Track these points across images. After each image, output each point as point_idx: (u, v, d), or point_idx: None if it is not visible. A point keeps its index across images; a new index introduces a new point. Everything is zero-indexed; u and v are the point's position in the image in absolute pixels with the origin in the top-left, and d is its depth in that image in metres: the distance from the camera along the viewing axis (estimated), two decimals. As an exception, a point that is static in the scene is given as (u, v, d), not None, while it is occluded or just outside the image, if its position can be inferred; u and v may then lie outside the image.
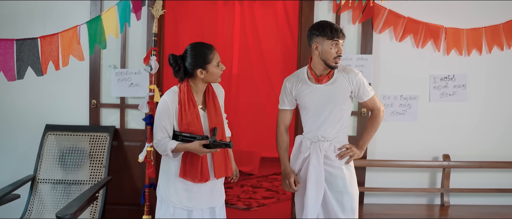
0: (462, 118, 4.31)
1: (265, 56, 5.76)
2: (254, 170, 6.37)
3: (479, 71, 4.28)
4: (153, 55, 3.68)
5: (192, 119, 2.87)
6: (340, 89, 3.06)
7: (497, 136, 4.33)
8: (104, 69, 4.36)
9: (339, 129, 3.10)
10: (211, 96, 3.00)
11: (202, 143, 2.78)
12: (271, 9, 5.63)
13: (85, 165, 4.21)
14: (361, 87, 3.08)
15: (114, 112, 4.40)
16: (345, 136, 3.17)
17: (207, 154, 2.89)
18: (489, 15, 4.23)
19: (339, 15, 4.21)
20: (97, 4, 4.26)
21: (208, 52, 2.86)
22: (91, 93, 4.37)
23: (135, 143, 4.35)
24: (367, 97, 3.12)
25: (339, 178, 3.07)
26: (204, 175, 2.91)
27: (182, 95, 2.89)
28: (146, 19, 4.24)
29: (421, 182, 4.36)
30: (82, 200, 3.36)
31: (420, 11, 4.18)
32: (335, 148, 3.10)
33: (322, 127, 3.07)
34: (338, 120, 3.08)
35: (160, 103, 2.91)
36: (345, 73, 3.09)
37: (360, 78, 3.09)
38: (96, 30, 3.64)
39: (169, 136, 2.90)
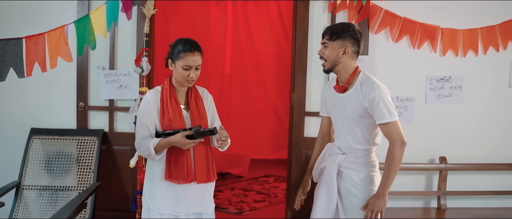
0: (458, 120, 4.26)
1: (258, 57, 5.65)
2: (244, 172, 6.28)
3: (475, 73, 4.24)
4: (145, 56, 3.56)
5: (174, 115, 2.78)
6: (352, 103, 2.81)
7: (494, 138, 4.29)
8: (92, 70, 4.21)
9: (356, 144, 2.87)
10: (194, 97, 2.89)
11: (185, 134, 2.66)
12: (265, 9, 5.53)
13: (72, 170, 4.06)
14: (375, 107, 2.71)
15: (102, 115, 4.25)
16: (365, 153, 2.89)
17: (190, 156, 2.79)
18: (485, 16, 4.19)
19: (334, 15, 4.13)
20: (85, 4, 4.10)
21: (181, 49, 2.74)
22: (79, 95, 4.22)
23: (125, 147, 4.21)
24: (381, 121, 2.72)
25: (353, 196, 2.87)
26: (190, 174, 2.79)
27: (164, 92, 2.82)
28: (135, 19, 4.10)
29: (417, 184, 4.30)
30: (71, 208, 3.21)
31: (417, 11, 4.12)
32: (351, 163, 2.88)
33: (339, 138, 2.93)
34: (352, 135, 2.86)
35: (142, 102, 2.85)
36: (363, 86, 2.79)
37: (377, 96, 2.71)
38: (84, 30, 3.51)
39: (151, 135, 2.81)
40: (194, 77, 2.76)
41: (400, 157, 2.76)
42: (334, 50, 2.81)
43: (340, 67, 2.84)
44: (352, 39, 2.82)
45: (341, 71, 2.85)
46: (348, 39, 2.81)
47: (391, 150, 2.77)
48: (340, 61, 2.82)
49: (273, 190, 5.74)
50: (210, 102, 2.97)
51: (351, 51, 2.82)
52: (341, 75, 2.87)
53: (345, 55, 2.81)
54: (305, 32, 4.11)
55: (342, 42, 2.81)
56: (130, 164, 3.58)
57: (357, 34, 2.84)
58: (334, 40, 2.81)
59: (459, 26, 4.16)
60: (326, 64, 2.85)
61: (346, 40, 2.81)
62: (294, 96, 4.14)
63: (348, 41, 2.81)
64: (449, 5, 4.15)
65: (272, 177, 6.27)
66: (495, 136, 4.29)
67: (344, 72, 2.85)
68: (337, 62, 2.82)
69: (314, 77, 4.14)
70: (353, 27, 2.85)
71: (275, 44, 5.56)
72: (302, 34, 4.11)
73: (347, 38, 2.80)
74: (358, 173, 2.88)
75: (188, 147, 2.71)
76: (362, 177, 2.88)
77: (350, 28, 2.83)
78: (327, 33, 2.84)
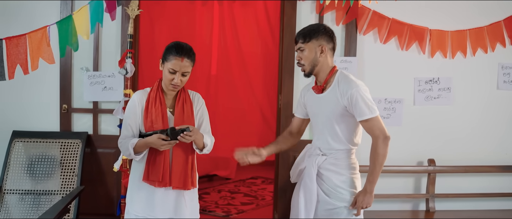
0: (447, 122, 4.24)
1: (245, 58, 5.58)
2: (231, 174, 6.21)
3: (464, 74, 4.21)
4: (129, 57, 3.49)
5: (156, 116, 2.73)
6: (331, 103, 2.76)
7: (483, 140, 4.28)
8: (76, 71, 4.13)
9: (336, 144, 2.81)
10: (182, 101, 2.82)
11: (161, 136, 2.61)
12: (252, 9, 5.45)
13: (56, 173, 3.98)
14: (355, 104, 2.65)
15: (86, 117, 4.17)
16: (345, 154, 2.82)
17: (168, 159, 2.75)
18: (474, 18, 4.17)
19: (322, 16, 4.08)
20: (68, 4, 4.02)
21: (171, 52, 2.70)
22: (62, 97, 4.14)
23: (109, 149, 4.12)
24: (361, 118, 2.66)
25: (335, 198, 2.79)
26: (165, 178, 2.74)
27: (151, 93, 2.78)
28: (120, 20, 4.03)
29: (406, 187, 4.27)
30: (54, 213, 3.12)
31: (405, 12, 4.08)
32: (331, 164, 2.81)
33: (319, 139, 2.87)
34: (332, 135, 2.80)
35: (129, 102, 2.82)
36: (340, 84, 2.74)
37: (355, 93, 2.65)
38: (67, 31, 3.42)
39: (134, 135, 2.77)
40: (179, 83, 2.70)
41: (384, 152, 2.69)
42: (311, 51, 2.76)
43: (319, 67, 2.79)
44: (326, 37, 2.78)
45: (320, 72, 2.81)
46: (322, 37, 2.77)
47: (375, 145, 2.70)
48: (319, 61, 2.77)
49: (260, 192, 5.68)
50: (200, 107, 2.90)
51: (327, 48, 2.78)
52: (319, 75, 2.82)
53: (323, 54, 2.77)
54: (293, 33, 4.05)
55: (317, 41, 2.76)
56: (114, 168, 3.50)
57: (329, 31, 2.81)
58: (309, 41, 2.76)
59: (447, 28, 4.14)
60: (306, 67, 2.79)
61: (320, 38, 2.76)
62: (281, 98, 4.09)
63: (322, 39, 2.77)
64: (438, 7, 4.12)
65: (259, 179, 6.21)
66: (484, 138, 4.27)
67: (323, 72, 2.81)
68: (316, 62, 2.77)
69: (302, 79, 4.08)
70: (324, 25, 2.84)
71: (262, 45, 5.49)
72: (289, 35, 4.06)
73: (321, 36, 2.77)
74: (338, 176, 2.80)
75: (164, 148, 2.65)
76: (342, 180, 2.80)
77: (320, 27, 2.81)
78: (300, 37, 2.79)
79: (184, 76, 2.71)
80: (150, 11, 4.66)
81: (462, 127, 4.25)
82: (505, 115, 4.28)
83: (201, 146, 2.77)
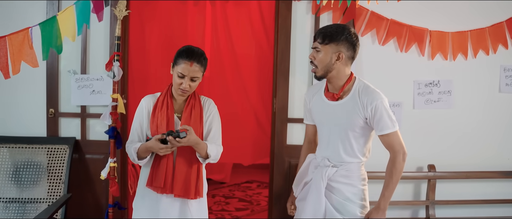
0: (447, 126, 4.11)
1: (238, 60, 5.42)
2: (226, 178, 6.08)
3: (465, 77, 4.09)
4: (116, 60, 3.33)
5: (161, 120, 2.69)
6: (349, 113, 2.58)
7: (484, 145, 4.15)
8: (63, 74, 3.98)
9: (348, 157, 2.66)
10: (191, 106, 2.77)
11: (158, 137, 2.57)
12: (245, 9, 5.29)
13: (42, 181, 3.83)
14: (378, 117, 2.51)
15: (74, 122, 4.02)
16: (357, 166, 2.68)
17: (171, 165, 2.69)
18: (475, 18, 4.04)
19: (318, 16, 3.94)
20: (55, 4, 3.88)
21: (181, 55, 2.68)
22: (49, 101, 3.98)
23: (98, 155, 3.98)
24: (383, 132, 2.53)
25: (346, 211, 2.65)
26: (167, 185, 2.69)
27: (160, 98, 2.77)
28: (109, 21, 3.88)
29: (405, 193, 4.14)
30: (38, 224, 2.99)
31: (404, 13, 3.94)
32: (342, 176, 2.66)
33: (328, 149, 2.70)
34: (346, 146, 2.64)
35: (138, 106, 2.84)
36: (362, 94, 2.57)
37: (379, 106, 2.51)
38: (51, 33, 3.27)
39: (140, 140, 2.78)
40: (187, 88, 2.66)
41: (402, 169, 2.61)
42: (327, 55, 2.56)
43: (334, 74, 2.60)
44: (347, 43, 2.57)
45: (334, 78, 2.62)
46: (343, 43, 2.56)
47: (394, 161, 2.59)
48: (334, 68, 2.58)
49: (255, 197, 5.54)
50: (210, 114, 2.83)
51: (345, 56, 2.58)
52: (334, 82, 2.64)
53: (339, 61, 2.57)
54: (288, 34, 3.91)
55: (336, 46, 2.55)
56: (101, 176, 3.35)
57: (353, 37, 2.59)
58: (327, 44, 2.56)
59: (448, 29, 4.01)
60: (318, 70, 2.60)
61: (340, 44, 2.56)
62: (276, 102, 3.94)
63: (342, 46, 2.56)
64: (438, 7, 3.98)
65: (255, 183, 6.08)
66: (486, 143, 4.15)
67: (338, 79, 2.62)
68: (330, 68, 2.58)
69: (297, 82, 3.94)
70: (349, 30, 2.59)
71: (256, 46, 5.33)
72: (284, 37, 3.91)
73: (342, 42, 2.55)
74: (350, 187, 2.67)
75: (163, 152, 2.61)
76: (354, 192, 2.68)
77: (345, 31, 2.57)
78: (319, 36, 2.58)
79: (193, 82, 2.67)
80: (140, 11, 4.51)
81: (463, 132, 4.12)
82: (507, 118, 4.15)
83: (204, 155, 2.70)
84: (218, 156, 2.78)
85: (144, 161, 2.73)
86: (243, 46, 5.40)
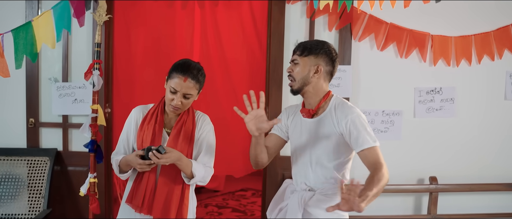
0: (450, 136, 3.91)
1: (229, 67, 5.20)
2: (220, 186, 5.86)
3: (468, 84, 3.89)
4: (96, 69, 3.11)
5: (147, 135, 2.50)
6: (324, 129, 2.41)
7: (489, 155, 3.96)
8: (43, 82, 3.79)
9: (326, 179, 2.45)
10: (182, 122, 2.56)
11: (139, 153, 2.38)
12: (236, 13, 5.07)
13: (22, 195, 3.64)
14: (355, 133, 2.31)
15: (55, 132, 3.82)
16: (334, 190, 2.45)
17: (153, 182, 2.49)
18: (479, 22, 3.85)
19: (313, 20, 3.73)
20: (34, 8, 3.67)
21: (175, 69, 2.46)
22: (29, 110, 3.79)
23: (81, 167, 3.78)
24: (363, 146, 2.28)
25: None
26: (145, 204, 2.48)
27: (151, 110, 2.58)
28: (91, 25, 3.68)
29: (405, 207, 3.94)
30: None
31: (404, 17, 3.74)
32: (319, 201, 2.44)
33: (305, 172, 2.49)
34: (323, 167, 2.44)
35: (128, 118, 2.65)
36: (337, 109, 2.41)
37: (355, 120, 2.33)
38: (25, 39, 3.04)
39: (125, 152, 2.59)
40: (179, 105, 2.45)
41: (385, 179, 2.22)
42: (305, 67, 2.42)
43: (310, 88, 2.44)
44: (326, 58, 2.44)
45: (310, 93, 2.46)
46: (322, 57, 2.43)
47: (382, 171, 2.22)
48: (311, 81, 2.43)
49: (250, 206, 5.33)
50: (204, 132, 2.61)
51: (324, 71, 2.44)
52: (310, 97, 2.47)
53: (317, 75, 2.42)
54: (281, 39, 3.70)
55: (315, 59, 2.42)
56: (80, 192, 3.14)
57: (333, 53, 2.46)
58: (306, 56, 2.43)
59: (451, 33, 3.81)
60: (295, 83, 2.45)
61: (319, 57, 2.42)
62: (269, 111, 3.74)
63: (321, 59, 2.43)
64: (440, 10, 3.77)
65: (249, 191, 5.86)
66: (490, 154, 3.96)
67: (314, 94, 2.46)
68: (307, 81, 2.42)
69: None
70: (329, 45, 2.48)
71: (247, 52, 5.11)
72: (277, 42, 3.70)
73: (321, 55, 2.43)
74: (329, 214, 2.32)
75: (141, 168, 2.40)
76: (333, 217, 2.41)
77: (324, 45, 2.46)
78: (299, 49, 2.47)
79: (186, 99, 2.47)
80: (126, 15, 4.30)
81: (466, 142, 3.93)
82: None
83: (189, 174, 2.47)
84: (206, 177, 2.55)
85: (125, 175, 2.55)
86: (233, 51, 5.19)
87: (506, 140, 3.95)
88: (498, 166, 3.95)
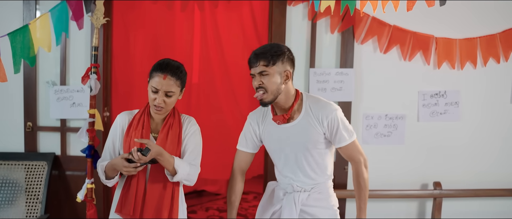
0: (455, 140, 3.86)
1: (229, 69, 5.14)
2: (221, 189, 5.79)
3: (473, 87, 3.83)
4: (93, 73, 3.05)
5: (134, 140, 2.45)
6: (306, 132, 2.41)
7: (494, 160, 3.91)
8: (41, 86, 3.74)
9: (318, 177, 2.49)
10: (168, 126, 2.53)
11: (125, 156, 2.36)
12: (237, 15, 5.01)
13: (20, 200, 3.58)
14: (336, 130, 2.39)
15: (53, 136, 3.77)
16: (326, 186, 2.53)
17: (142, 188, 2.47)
18: (484, 24, 3.79)
19: (315, 23, 3.66)
20: (32, 11, 3.61)
21: (155, 68, 2.47)
22: (26, 114, 3.74)
23: (79, 172, 3.73)
24: (342, 144, 2.42)
25: None
26: (136, 210, 2.46)
27: (137, 115, 2.56)
28: (90, 28, 3.63)
29: (409, 212, 3.89)
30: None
31: (408, 19, 3.67)
32: (316, 200, 2.48)
33: (294, 175, 2.50)
34: (312, 167, 2.47)
35: (113, 123, 2.63)
36: (313, 109, 2.41)
37: (335, 118, 2.39)
38: (22, 43, 2.98)
39: (111, 158, 2.56)
40: (161, 104, 2.42)
41: (368, 176, 2.50)
42: (276, 76, 2.35)
43: (282, 96, 2.40)
44: (290, 61, 2.41)
45: (282, 100, 2.42)
46: (287, 61, 2.38)
47: (358, 171, 2.48)
48: (282, 89, 2.37)
49: (251, 210, 5.27)
50: (189, 132, 2.57)
51: (290, 74, 2.41)
52: (281, 104, 2.43)
53: (287, 80, 2.39)
54: (282, 42, 3.64)
55: (282, 65, 2.36)
56: (77, 198, 3.07)
57: (292, 53, 2.44)
58: (274, 64, 2.34)
59: (455, 35, 3.76)
60: (268, 95, 2.37)
61: (286, 62, 2.37)
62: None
63: (287, 64, 2.38)
64: (444, 12, 3.70)
65: (251, 194, 5.80)
66: (495, 158, 3.91)
67: (286, 100, 2.42)
68: (279, 90, 2.37)
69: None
70: (286, 47, 2.44)
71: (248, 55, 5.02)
72: (278, 45, 3.64)
73: (286, 60, 2.38)
74: (325, 210, 2.51)
75: (128, 171, 2.36)
76: (330, 214, 2.52)
77: (284, 48, 2.41)
78: (262, 59, 2.35)
79: (169, 97, 2.43)
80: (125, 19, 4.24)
81: (471, 146, 3.88)
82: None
83: (171, 171, 2.42)
84: (192, 176, 2.49)
85: (112, 181, 2.52)
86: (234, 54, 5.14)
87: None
88: (503, 171, 3.90)
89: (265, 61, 2.34)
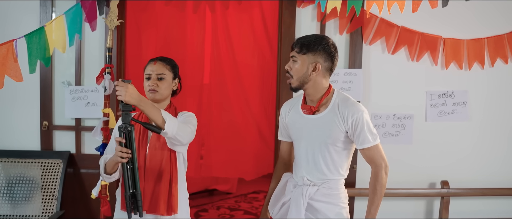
0: (462, 139, 3.87)
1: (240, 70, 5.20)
2: (232, 188, 5.86)
3: (481, 87, 3.84)
4: (107, 73, 3.15)
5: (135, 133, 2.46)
6: (328, 126, 2.45)
7: (502, 159, 3.91)
8: (57, 86, 3.83)
9: (329, 173, 2.52)
10: None
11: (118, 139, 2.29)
12: (247, 17, 5.07)
13: (36, 196, 3.68)
14: (358, 130, 2.41)
15: (68, 135, 3.86)
16: (337, 184, 2.55)
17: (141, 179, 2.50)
18: (492, 24, 3.79)
19: (324, 24, 3.72)
20: (48, 13, 3.72)
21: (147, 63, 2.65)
22: (42, 113, 3.83)
23: (94, 170, 3.80)
24: (364, 145, 2.43)
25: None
26: None
27: (137, 111, 2.62)
28: (103, 30, 3.72)
29: (416, 211, 3.91)
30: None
31: (415, 20, 3.69)
32: (324, 195, 2.51)
33: (307, 167, 2.54)
34: (326, 163, 2.50)
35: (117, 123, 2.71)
36: (341, 107, 2.45)
37: (360, 118, 2.41)
38: (38, 44, 3.08)
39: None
40: (154, 86, 2.52)
41: (385, 183, 2.51)
42: (304, 65, 2.44)
43: (310, 85, 2.47)
44: (325, 54, 2.45)
45: (310, 90, 2.49)
46: (320, 54, 2.44)
47: (377, 175, 2.48)
48: (310, 79, 2.45)
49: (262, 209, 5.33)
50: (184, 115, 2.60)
51: (322, 67, 2.45)
52: (311, 94, 2.50)
53: (315, 72, 2.45)
54: (291, 43, 3.68)
55: (313, 56, 2.44)
56: (92, 195, 3.17)
57: (331, 48, 2.47)
58: (305, 53, 2.44)
59: (463, 36, 3.77)
60: (293, 81, 2.48)
61: (318, 54, 2.44)
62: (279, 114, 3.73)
63: (319, 56, 2.44)
64: (452, 13, 3.73)
65: (262, 193, 5.86)
66: (503, 158, 3.91)
67: (315, 91, 2.49)
68: (306, 79, 2.45)
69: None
70: (327, 40, 2.48)
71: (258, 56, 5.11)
72: (288, 46, 3.70)
73: (319, 52, 2.44)
74: (332, 207, 2.52)
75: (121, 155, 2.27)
76: (336, 212, 2.53)
77: (323, 41, 2.46)
78: (297, 46, 2.47)
79: (161, 80, 2.54)
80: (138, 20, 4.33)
81: (479, 146, 3.88)
82: (528, 131, 3.89)
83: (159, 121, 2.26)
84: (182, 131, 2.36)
85: (111, 178, 2.54)
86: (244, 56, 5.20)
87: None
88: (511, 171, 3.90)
89: (298, 48, 2.45)
